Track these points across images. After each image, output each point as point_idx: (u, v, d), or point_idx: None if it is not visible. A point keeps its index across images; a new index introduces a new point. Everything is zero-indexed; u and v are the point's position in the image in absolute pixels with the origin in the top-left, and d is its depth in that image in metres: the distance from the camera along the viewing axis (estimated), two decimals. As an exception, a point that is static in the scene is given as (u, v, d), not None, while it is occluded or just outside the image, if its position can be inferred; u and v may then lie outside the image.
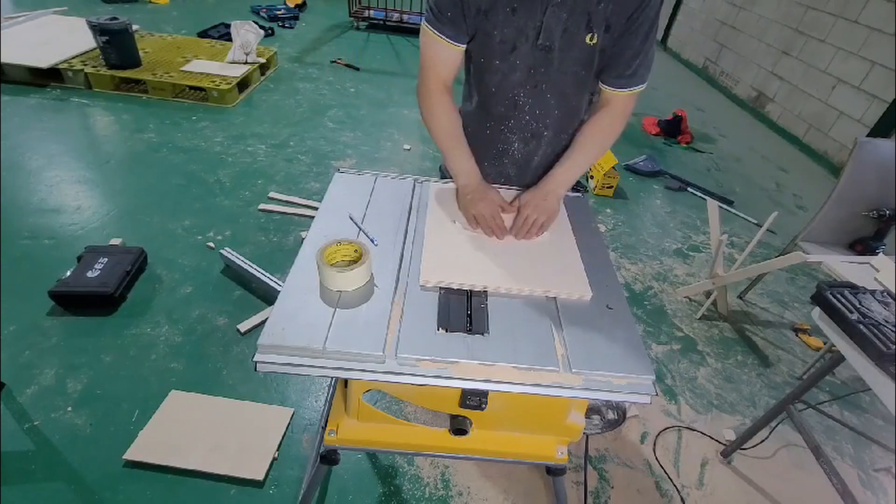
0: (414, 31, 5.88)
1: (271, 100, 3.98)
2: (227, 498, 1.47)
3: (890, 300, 1.30)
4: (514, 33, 1.06)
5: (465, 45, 1.12)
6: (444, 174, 1.39)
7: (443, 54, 1.13)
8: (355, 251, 0.95)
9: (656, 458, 1.75)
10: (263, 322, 1.62)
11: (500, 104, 1.20)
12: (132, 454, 1.50)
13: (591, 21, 1.03)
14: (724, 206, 3.39)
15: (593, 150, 1.22)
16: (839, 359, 1.36)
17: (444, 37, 1.09)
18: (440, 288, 0.95)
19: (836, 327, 1.28)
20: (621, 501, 1.61)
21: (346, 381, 0.98)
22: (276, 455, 1.57)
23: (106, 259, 2.07)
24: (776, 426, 1.76)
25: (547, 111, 1.19)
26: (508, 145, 1.28)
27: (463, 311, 0.90)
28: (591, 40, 1.05)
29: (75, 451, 1.53)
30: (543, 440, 1.05)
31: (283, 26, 5.74)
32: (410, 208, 1.20)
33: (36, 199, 2.55)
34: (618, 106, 1.17)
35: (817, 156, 4.33)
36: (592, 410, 1.83)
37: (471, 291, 0.95)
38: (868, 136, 3.77)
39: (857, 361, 1.20)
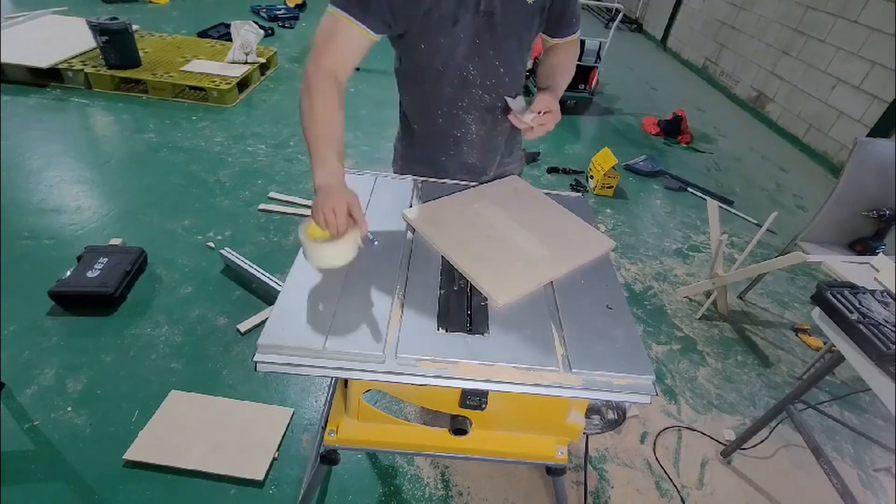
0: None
1: (271, 100, 3.98)
2: (227, 498, 1.47)
3: (890, 300, 1.30)
4: (452, 6, 1.01)
5: (377, 37, 1.03)
6: (401, 168, 1.37)
7: (348, 38, 1.00)
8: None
9: (656, 458, 1.75)
10: (263, 322, 1.62)
11: (450, 83, 1.14)
12: (132, 454, 1.50)
13: None
14: (724, 206, 3.39)
15: (568, 75, 1.25)
16: (839, 359, 1.36)
17: (354, 19, 0.97)
18: (434, 286, 0.95)
19: (836, 327, 1.28)
20: (621, 501, 1.61)
21: (346, 381, 0.98)
22: (276, 455, 1.57)
23: (106, 259, 2.07)
24: (776, 426, 1.76)
25: (497, 81, 1.16)
26: (465, 129, 1.23)
27: (463, 311, 0.90)
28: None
29: (75, 451, 1.53)
30: (543, 440, 1.05)
31: (283, 26, 5.74)
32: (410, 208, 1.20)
33: (36, 199, 2.55)
34: (574, 45, 1.26)
35: (817, 156, 4.33)
36: (592, 410, 1.83)
37: (470, 291, 0.95)
38: (868, 136, 3.77)
39: (857, 361, 1.20)
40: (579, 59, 4.16)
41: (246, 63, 4.06)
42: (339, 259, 0.91)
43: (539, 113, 1.12)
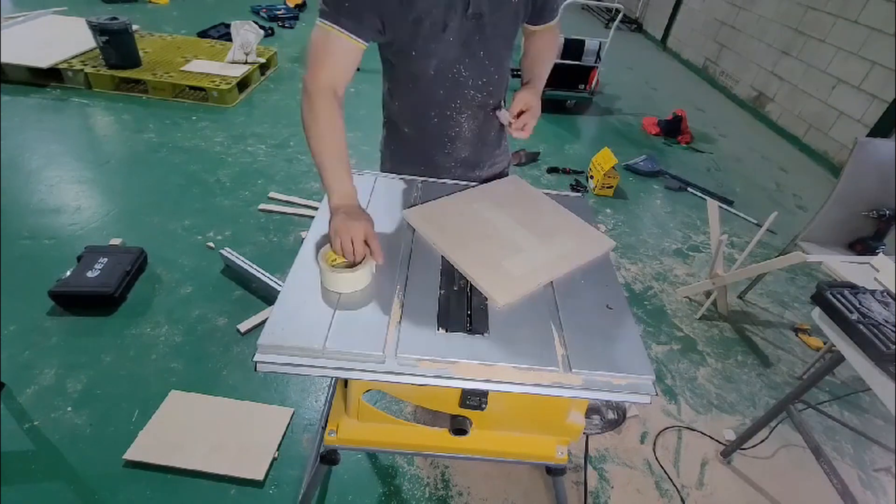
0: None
1: (271, 100, 3.98)
2: (227, 498, 1.47)
3: (890, 300, 1.30)
4: (442, 12, 1.01)
5: (366, 45, 1.02)
6: (391, 171, 1.37)
7: (342, 50, 1.00)
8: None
9: (656, 458, 1.75)
10: (263, 322, 1.62)
11: (441, 86, 1.15)
12: (132, 454, 1.50)
13: None
14: (724, 206, 3.39)
15: (549, 62, 1.27)
16: (839, 359, 1.36)
17: (342, 29, 0.97)
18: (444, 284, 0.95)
19: (836, 327, 1.28)
20: (621, 501, 1.61)
21: (346, 381, 0.98)
22: (276, 455, 1.57)
23: (106, 259, 2.07)
24: (776, 426, 1.76)
25: (488, 79, 1.17)
26: (459, 127, 1.24)
27: (463, 311, 0.90)
28: None
29: (75, 451, 1.53)
30: (543, 440, 1.05)
31: (283, 26, 5.74)
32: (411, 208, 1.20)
33: (36, 199, 2.55)
34: (554, 29, 1.24)
35: (817, 156, 4.33)
36: (592, 410, 1.83)
37: (470, 291, 0.95)
38: (868, 136, 3.77)
39: (857, 361, 1.20)
40: (579, 59, 4.15)
41: (246, 63, 4.06)
42: (355, 285, 0.92)
43: (517, 115, 1.16)
